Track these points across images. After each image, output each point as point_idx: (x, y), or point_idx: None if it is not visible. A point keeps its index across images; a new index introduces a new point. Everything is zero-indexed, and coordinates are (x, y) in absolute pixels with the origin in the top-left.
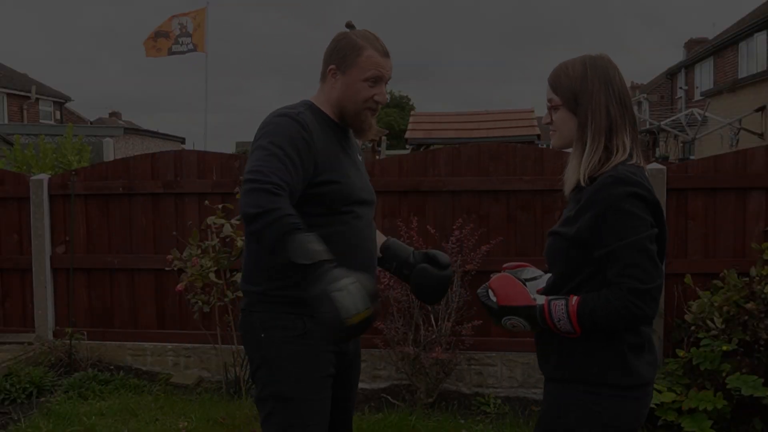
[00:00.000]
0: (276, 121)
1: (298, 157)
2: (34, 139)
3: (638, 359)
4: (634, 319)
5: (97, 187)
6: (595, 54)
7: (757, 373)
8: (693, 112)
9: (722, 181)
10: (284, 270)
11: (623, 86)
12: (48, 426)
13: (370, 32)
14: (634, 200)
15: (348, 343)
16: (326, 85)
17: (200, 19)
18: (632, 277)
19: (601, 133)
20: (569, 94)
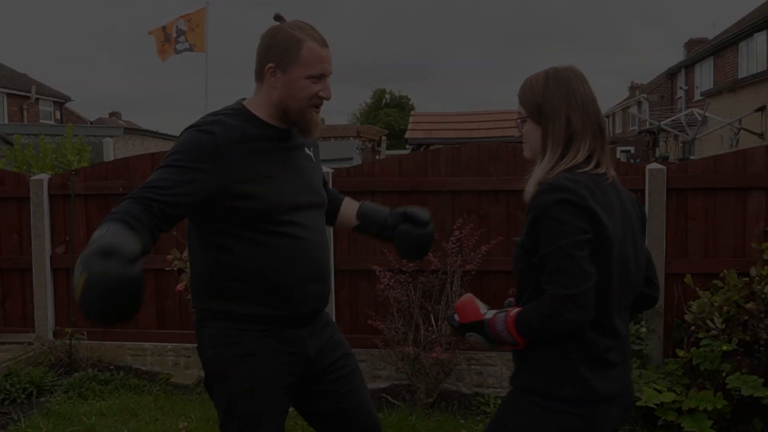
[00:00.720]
0: (185, 135)
1: (194, 168)
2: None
3: (592, 372)
4: (559, 324)
5: (97, 187)
6: (561, 65)
7: (757, 373)
8: (693, 112)
9: (722, 181)
10: (224, 284)
11: (587, 95)
12: (48, 426)
13: (304, 22)
14: (563, 206)
15: (306, 349)
16: (264, 86)
17: (199, 19)
18: (556, 282)
19: (559, 143)
20: (533, 106)
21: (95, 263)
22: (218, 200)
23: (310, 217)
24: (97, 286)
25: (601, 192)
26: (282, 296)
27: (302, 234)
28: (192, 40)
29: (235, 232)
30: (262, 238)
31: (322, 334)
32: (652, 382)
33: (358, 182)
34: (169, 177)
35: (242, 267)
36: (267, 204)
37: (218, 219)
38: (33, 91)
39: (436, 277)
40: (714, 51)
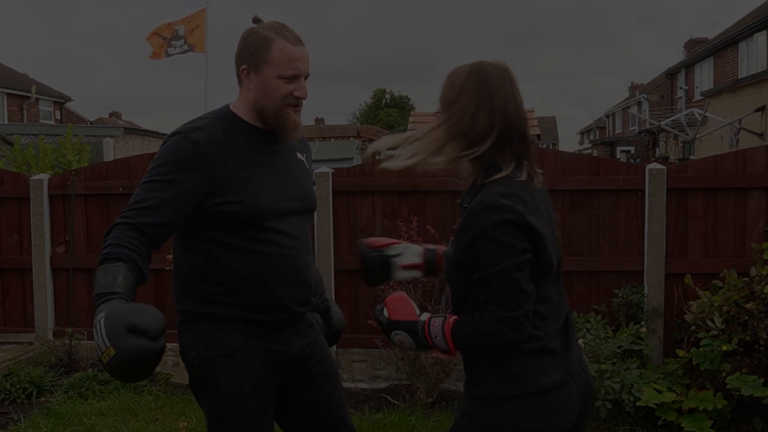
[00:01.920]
0: (168, 143)
1: (179, 177)
2: (34, 139)
3: (540, 363)
4: (501, 344)
5: (97, 187)
6: (490, 61)
7: (757, 373)
8: (693, 112)
9: (722, 181)
10: (206, 288)
11: (507, 97)
12: (48, 426)
13: (278, 23)
14: (503, 227)
15: (290, 349)
16: (242, 88)
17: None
18: (498, 304)
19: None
20: (447, 101)
21: (125, 341)
22: (202, 205)
23: (294, 223)
24: (127, 362)
25: (532, 201)
26: (265, 302)
27: (285, 240)
28: (192, 41)
29: (217, 237)
30: (244, 244)
31: (306, 334)
32: (652, 382)
33: (358, 182)
34: (158, 195)
35: (223, 271)
36: (250, 210)
37: (201, 223)
38: (33, 91)
39: (436, 277)
40: (714, 51)
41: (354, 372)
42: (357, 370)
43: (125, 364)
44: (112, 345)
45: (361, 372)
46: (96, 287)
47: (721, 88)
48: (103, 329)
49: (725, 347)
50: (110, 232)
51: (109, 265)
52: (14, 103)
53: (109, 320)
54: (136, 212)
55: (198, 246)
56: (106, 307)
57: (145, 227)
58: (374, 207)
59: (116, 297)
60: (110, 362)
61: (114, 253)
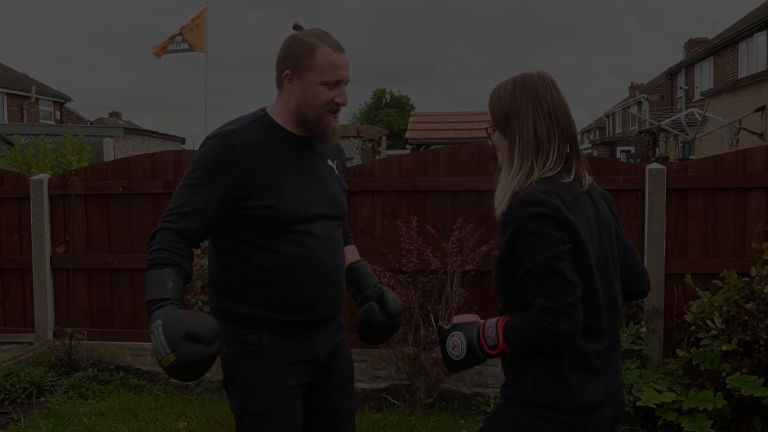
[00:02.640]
0: (205, 147)
1: (215, 180)
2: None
3: (581, 380)
4: (552, 336)
5: (97, 187)
6: (531, 72)
7: (757, 373)
8: (693, 112)
9: (722, 181)
10: (237, 287)
11: (556, 102)
12: (48, 426)
13: (320, 29)
14: (539, 219)
15: (317, 349)
16: (284, 93)
17: (199, 20)
18: (542, 296)
19: (528, 152)
20: (500, 115)
21: (183, 347)
22: (235, 207)
23: (324, 228)
24: (186, 367)
25: (575, 201)
26: (293, 303)
27: (315, 244)
28: (192, 40)
29: (247, 238)
30: (273, 245)
31: (335, 335)
32: (652, 382)
33: (358, 182)
34: (196, 199)
35: (254, 273)
36: (282, 213)
37: (233, 225)
38: (33, 91)
39: (436, 277)
40: (714, 51)
41: (354, 372)
42: (357, 370)
43: (184, 368)
44: (171, 351)
45: (361, 372)
46: (148, 293)
47: (721, 88)
48: (162, 336)
49: (725, 347)
50: (154, 237)
51: (158, 270)
52: (14, 103)
53: (167, 327)
54: (177, 216)
55: (229, 246)
56: (162, 313)
57: (186, 231)
58: (374, 207)
59: (168, 303)
60: (170, 366)
61: (161, 258)
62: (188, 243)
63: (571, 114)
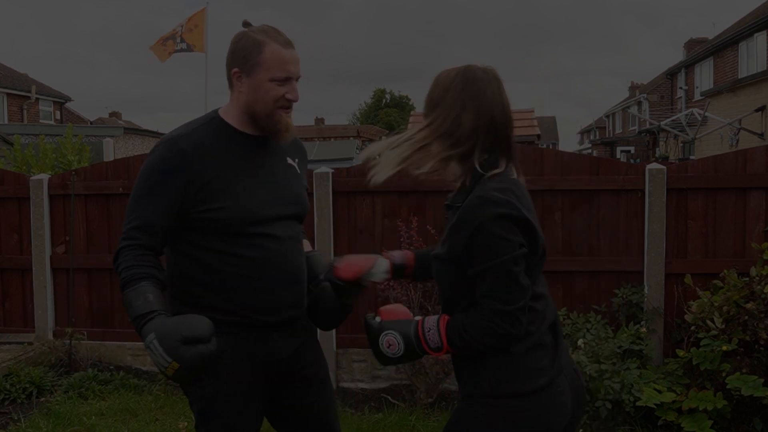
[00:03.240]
0: (154, 152)
1: (168, 187)
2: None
3: (535, 361)
4: (499, 338)
5: (97, 187)
6: (479, 65)
7: (757, 373)
8: (693, 112)
9: (722, 181)
10: (194, 292)
11: (494, 99)
12: (48, 426)
13: (269, 26)
14: (500, 221)
15: (279, 351)
16: (234, 91)
17: (199, 20)
18: (495, 299)
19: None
20: (434, 101)
21: (184, 353)
22: (186, 211)
23: (282, 228)
24: (191, 370)
25: (523, 196)
26: (252, 306)
27: (272, 244)
28: (191, 40)
29: (203, 242)
30: (230, 248)
31: (297, 336)
32: (652, 382)
33: (358, 182)
34: (150, 209)
35: (209, 274)
36: (235, 216)
37: (189, 229)
38: (33, 91)
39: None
40: (714, 51)
41: (354, 372)
42: (357, 370)
43: (190, 372)
44: (174, 359)
45: (361, 372)
46: (132, 310)
47: (721, 88)
48: (159, 348)
49: (725, 347)
50: (118, 257)
51: (134, 287)
52: (14, 103)
53: (162, 338)
54: (135, 231)
55: (185, 250)
56: (151, 326)
57: (147, 243)
58: (374, 207)
59: (156, 314)
60: (176, 374)
61: (133, 275)
62: (153, 254)
63: (509, 114)
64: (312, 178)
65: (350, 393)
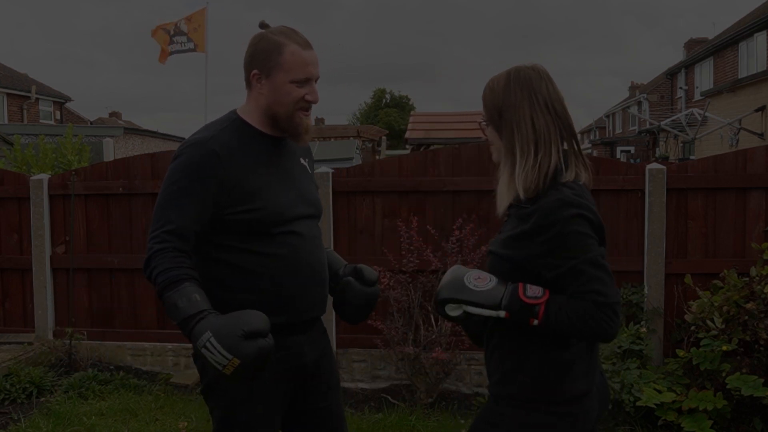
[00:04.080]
0: (185, 154)
1: (200, 189)
2: (34, 139)
3: (570, 374)
4: (597, 329)
5: (97, 187)
6: (524, 65)
7: (757, 373)
8: (693, 112)
9: (722, 181)
10: (223, 294)
11: (551, 95)
12: (48, 426)
13: (288, 27)
14: (581, 221)
15: (304, 356)
16: (253, 92)
17: (200, 20)
18: (595, 291)
19: (528, 145)
20: (493, 109)
21: (245, 348)
22: (219, 213)
23: (306, 227)
24: (253, 365)
25: (591, 200)
26: (281, 305)
27: (299, 243)
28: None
29: (231, 242)
30: (262, 249)
31: (320, 341)
32: (652, 382)
33: (358, 182)
34: (182, 212)
35: (242, 278)
36: (267, 216)
37: (219, 231)
38: (33, 91)
39: (436, 277)
40: (714, 51)
41: (354, 372)
42: (357, 370)
43: (251, 367)
44: (235, 356)
45: (361, 372)
46: (179, 312)
47: (721, 88)
48: (217, 346)
49: (725, 347)
50: (150, 262)
51: (177, 289)
52: (14, 103)
53: (221, 336)
54: (167, 234)
55: (214, 252)
56: (206, 325)
57: (180, 246)
58: (374, 207)
59: (206, 313)
60: (236, 371)
61: (172, 277)
62: (188, 257)
63: (567, 108)
64: None
65: (350, 393)
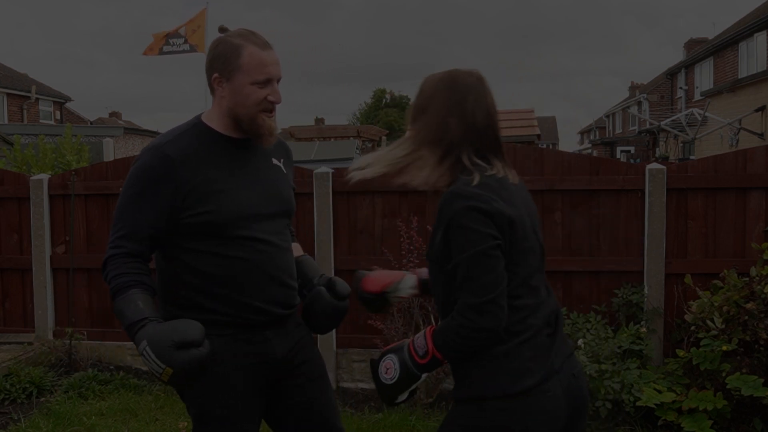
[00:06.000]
0: (140, 159)
1: (155, 193)
2: (34, 139)
3: (509, 365)
4: (472, 333)
5: (97, 187)
6: (463, 69)
7: (757, 373)
8: (693, 112)
9: (722, 181)
10: (184, 295)
11: (480, 102)
12: (48, 426)
13: (246, 29)
14: (470, 213)
15: (273, 350)
16: (216, 97)
17: (200, 20)
18: (466, 290)
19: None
20: (419, 106)
21: (177, 358)
22: (174, 216)
23: (269, 227)
24: (185, 374)
25: (504, 190)
26: (243, 306)
27: (259, 244)
28: (194, 41)
29: (190, 245)
30: (217, 249)
31: (292, 333)
32: (652, 382)
33: (358, 182)
34: (137, 216)
35: (198, 277)
36: (222, 218)
37: (177, 234)
38: (33, 91)
39: None
40: (714, 51)
41: (354, 372)
42: (357, 370)
43: (184, 376)
44: (167, 365)
45: (361, 372)
46: (124, 319)
47: (721, 88)
48: (152, 354)
49: (725, 347)
50: (105, 266)
51: (124, 295)
52: (14, 103)
53: (154, 345)
54: (121, 240)
55: (175, 254)
56: (144, 333)
57: (134, 250)
58: (374, 207)
59: (147, 321)
60: (171, 379)
61: (122, 283)
62: (141, 261)
63: (495, 116)
64: (312, 178)
65: (350, 393)
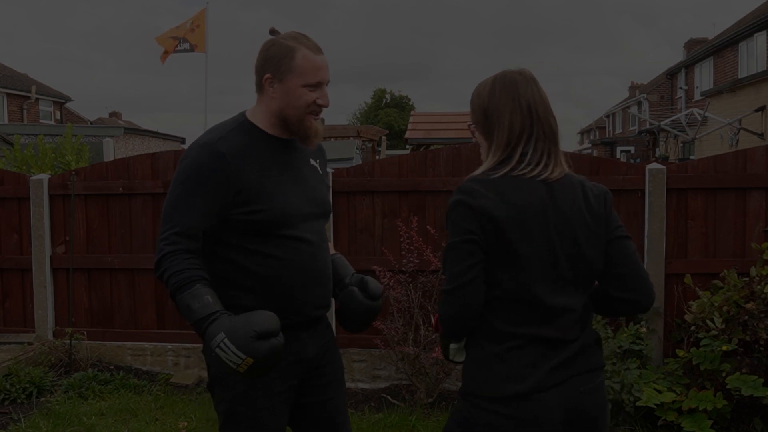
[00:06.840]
0: (192, 155)
1: (208, 190)
2: (34, 139)
3: (504, 368)
4: (442, 315)
5: (97, 187)
6: (511, 69)
7: (757, 373)
8: (693, 112)
9: (722, 181)
10: (227, 292)
11: (535, 98)
12: (48, 426)
13: (298, 32)
14: (457, 207)
15: (306, 350)
16: (264, 96)
17: (200, 20)
18: (444, 279)
19: (501, 147)
20: (480, 112)
21: (259, 348)
22: (224, 214)
23: (312, 227)
24: (266, 364)
25: (514, 190)
26: (286, 305)
27: (305, 245)
28: (193, 41)
29: (239, 243)
30: (265, 249)
31: (323, 334)
32: (652, 382)
33: (358, 182)
34: (190, 213)
35: (244, 275)
36: (272, 217)
37: (225, 231)
38: (33, 91)
39: (436, 277)
40: (714, 51)
41: (354, 372)
42: (357, 370)
43: (264, 365)
44: (248, 355)
45: (361, 372)
46: (192, 314)
47: (721, 88)
48: (231, 346)
49: (725, 347)
50: (161, 264)
51: (190, 290)
52: (14, 103)
53: (234, 336)
54: (176, 236)
55: (221, 252)
56: (219, 326)
57: (189, 247)
58: (374, 207)
59: (219, 314)
60: (249, 369)
61: (185, 278)
62: (197, 257)
63: (551, 110)
64: None
65: (350, 393)
